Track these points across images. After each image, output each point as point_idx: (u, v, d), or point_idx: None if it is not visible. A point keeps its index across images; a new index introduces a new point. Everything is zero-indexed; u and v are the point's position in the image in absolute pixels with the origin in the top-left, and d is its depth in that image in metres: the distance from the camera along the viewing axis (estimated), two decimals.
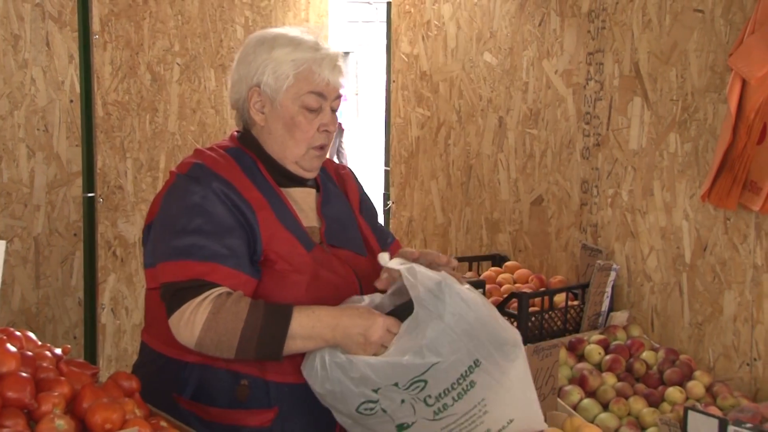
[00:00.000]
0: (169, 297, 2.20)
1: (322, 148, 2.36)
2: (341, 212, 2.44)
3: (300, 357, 2.18)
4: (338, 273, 2.30)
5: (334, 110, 2.37)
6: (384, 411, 2.08)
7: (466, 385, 2.08)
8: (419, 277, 2.11)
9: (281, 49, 2.31)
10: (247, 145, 2.37)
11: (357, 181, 2.60)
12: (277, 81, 2.30)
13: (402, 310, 2.15)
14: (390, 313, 2.15)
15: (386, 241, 2.57)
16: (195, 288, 2.16)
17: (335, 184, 2.51)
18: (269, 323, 2.13)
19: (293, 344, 2.14)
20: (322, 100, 2.31)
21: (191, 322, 2.15)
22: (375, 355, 2.10)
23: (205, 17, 4.08)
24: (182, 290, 2.18)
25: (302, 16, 4.72)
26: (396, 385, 2.07)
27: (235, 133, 2.43)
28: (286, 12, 4.59)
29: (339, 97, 2.37)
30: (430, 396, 2.07)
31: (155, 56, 3.82)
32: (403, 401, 2.07)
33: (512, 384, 2.12)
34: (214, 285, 2.17)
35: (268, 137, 2.35)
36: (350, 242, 2.40)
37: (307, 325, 2.13)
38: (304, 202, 2.37)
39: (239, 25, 4.29)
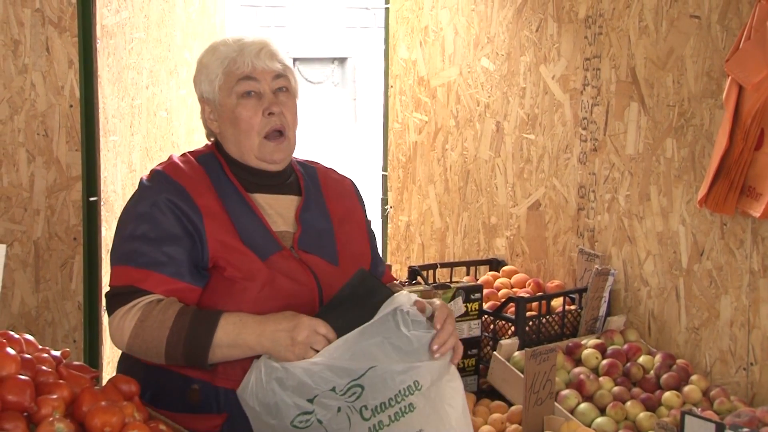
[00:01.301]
0: (107, 301, 2.27)
1: (279, 134, 2.36)
2: (320, 221, 2.44)
3: (249, 362, 2.18)
4: (298, 281, 2.30)
5: (281, 91, 2.37)
6: (320, 422, 2.06)
7: (405, 406, 2.08)
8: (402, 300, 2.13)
9: (208, 56, 2.40)
10: (219, 151, 2.42)
11: (360, 197, 2.61)
12: (210, 84, 2.37)
13: (328, 309, 2.16)
14: (318, 315, 2.15)
15: (377, 269, 2.56)
16: (128, 294, 2.21)
17: (322, 193, 2.51)
18: (194, 331, 2.15)
19: (219, 352, 2.17)
20: (256, 84, 2.34)
21: (120, 329, 2.21)
22: (305, 358, 2.09)
23: (161, 22, 4.10)
24: (117, 296, 2.23)
25: (212, 21, 4.82)
26: (333, 390, 2.06)
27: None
28: (202, 17, 4.65)
29: (279, 77, 2.37)
30: (366, 407, 2.06)
31: (133, 61, 3.84)
32: (339, 409, 2.05)
33: (452, 427, 2.13)
34: (146, 292, 2.21)
35: (225, 141, 2.40)
36: (323, 250, 2.39)
37: (232, 332, 2.15)
38: (271, 207, 2.38)
39: (179, 29, 4.32)
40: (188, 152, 2.44)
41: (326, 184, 2.54)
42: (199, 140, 4.58)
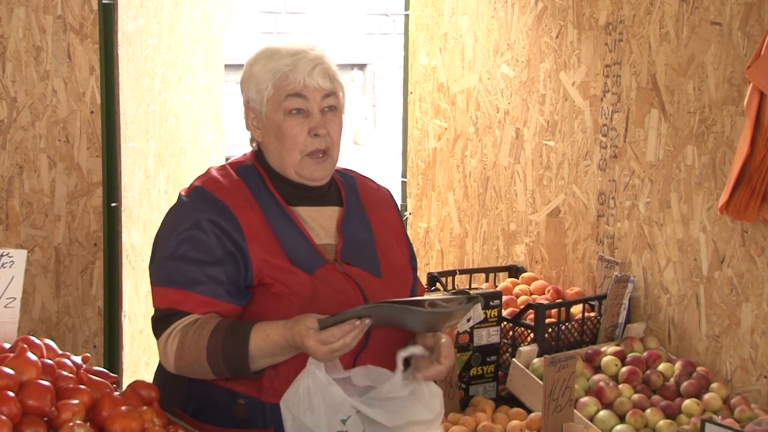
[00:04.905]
0: (153, 326, 2.27)
1: (322, 153, 2.32)
2: (361, 232, 2.41)
3: (295, 376, 2.16)
4: (342, 292, 2.27)
5: (329, 110, 2.33)
6: None
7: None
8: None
9: (260, 63, 2.34)
10: (260, 161, 2.39)
11: (397, 208, 2.59)
12: (259, 94, 2.32)
13: (330, 322, 2.08)
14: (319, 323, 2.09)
15: (415, 286, 2.51)
16: (168, 317, 2.22)
17: (362, 203, 2.48)
18: (228, 348, 2.15)
19: (262, 362, 2.17)
20: (305, 102, 2.29)
21: (165, 354, 2.22)
22: (334, 354, 2.08)
23: (171, 29, 4.11)
24: (160, 320, 2.24)
25: (213, 27, 4.78)
26: (359, 413, 2.10)
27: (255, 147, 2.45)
28: (205, 23, 4.63)
29: (329, 96, 2.32)
30: None
31: (148, 68, 3.86)
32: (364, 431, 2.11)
33: None
34: (186, 314, 2.20)
35: (267, 151, 2.36)
36: (366, 262, 2.36)
37: (263, 344, 2.14)
38: (314, 220, 2.35)
39: (187, 36, 4.32)
40: (227, 163, 2.40)
41: (365, 193, 2.51)
42: (203, 146, 4.60)
